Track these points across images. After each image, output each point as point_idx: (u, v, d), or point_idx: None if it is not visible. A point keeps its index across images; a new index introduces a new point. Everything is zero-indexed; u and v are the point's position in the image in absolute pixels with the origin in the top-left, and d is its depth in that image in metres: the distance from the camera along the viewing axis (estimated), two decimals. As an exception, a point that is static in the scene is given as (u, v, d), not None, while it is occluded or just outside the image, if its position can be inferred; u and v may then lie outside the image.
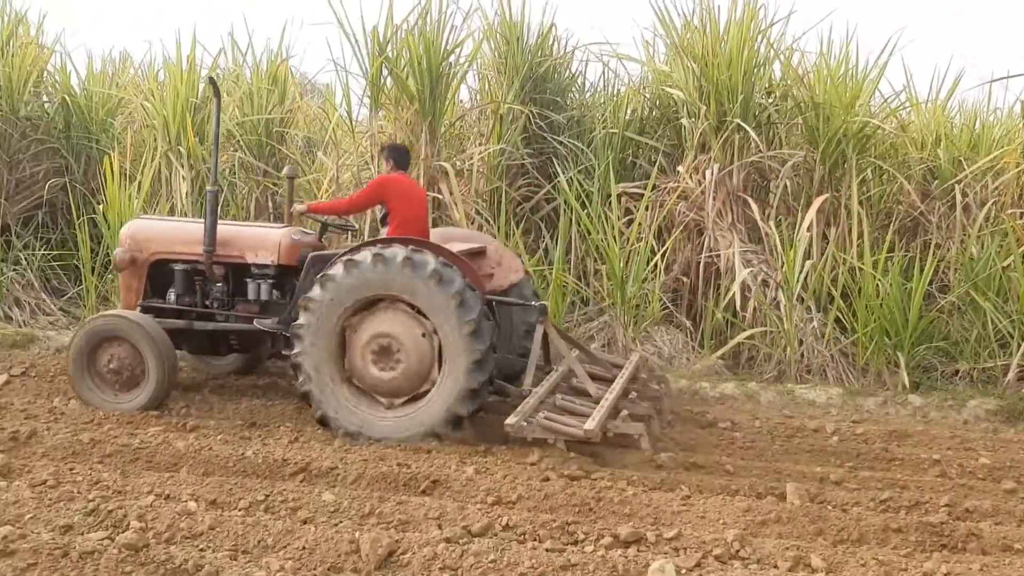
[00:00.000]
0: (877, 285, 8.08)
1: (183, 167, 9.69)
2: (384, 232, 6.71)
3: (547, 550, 4.11)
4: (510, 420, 5.64)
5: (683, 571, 4.01)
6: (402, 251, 5.96)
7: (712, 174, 8.87)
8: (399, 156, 6.91)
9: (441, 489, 5.04)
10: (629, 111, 10.01)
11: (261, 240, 6.90)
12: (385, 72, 9.45)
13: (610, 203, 8.89)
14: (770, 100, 9.62)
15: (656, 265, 8.65)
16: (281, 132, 10.46)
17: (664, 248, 8.80)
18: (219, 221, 6.91)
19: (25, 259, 9.94)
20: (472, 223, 9.10)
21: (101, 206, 9.41)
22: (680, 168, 9.20)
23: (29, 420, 6.10)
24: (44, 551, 3.87)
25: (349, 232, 7.96)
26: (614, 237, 8.54)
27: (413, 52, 9.12)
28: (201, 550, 4.09)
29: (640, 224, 8.78)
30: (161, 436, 5.73)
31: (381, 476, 5.17)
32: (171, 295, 7.02)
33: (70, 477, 4.95)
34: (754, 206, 8.84)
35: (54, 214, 10.71)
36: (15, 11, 11.02)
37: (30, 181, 10.66)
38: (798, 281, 8.15)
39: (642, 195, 9.02)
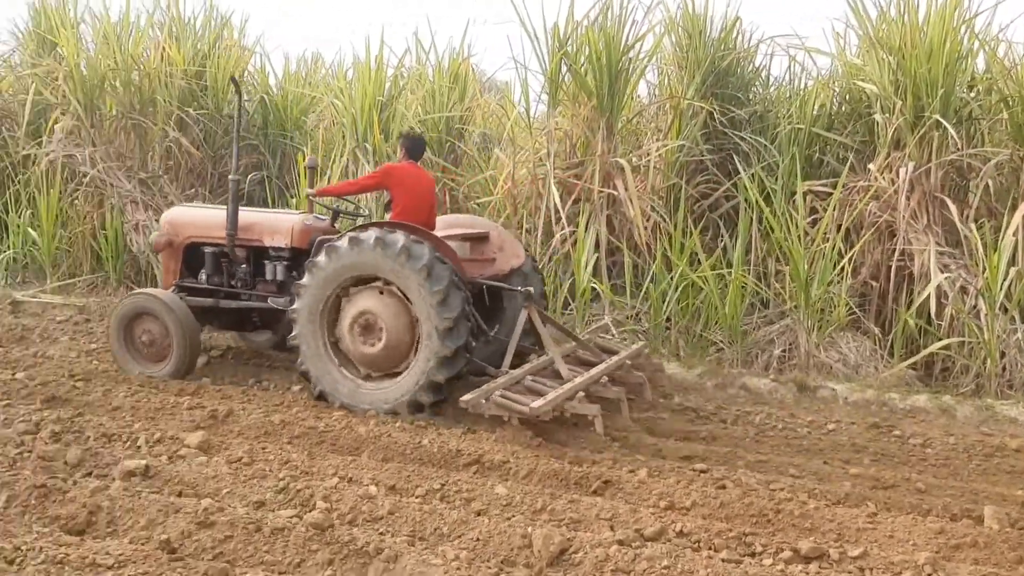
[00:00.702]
0: (1094, 295, 7.39)
1: (369, 163, 10.07)
2: (388, 217, 6.96)
3: (723, 560, 4.00)
4: (466, 397, 5.84)
5: (870, 593, 3.80)
6: (375, 233, 6.27)
7: (907, 172, 8.36)
8: (412, 146, 7.13)
9: (613, 490, 5.00)
10: (817, 106, 9.58)
11: (277, 225, 7.34)
12: (564, 68, 9.47)
13: (794, 201, 8.55)
14: (972, 94, 8.97)
15: (843, 267, 8.23)
16: (460, 129, 10.69)
17: (852, 250, 8.36)
18: (241, 208, 7.40)
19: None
20: (648, 220, 8.99)
21: (294, 200, 9.93)
22: (871, 166, 8.72)
23: (225, 400, 6.50)
24: (240, 524, 4.11)
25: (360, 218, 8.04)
26: (798, 237, 8.21)
27: (593, 48, 9.10)
28: (381, 534, 4.23)
29: (827, 224, 8.39)
30: (344, 421, 5.97)
31: (552, 473, 5.18)
32: (202, 275, 7.56)
33: (262, 456, 5.25)
34: (952, 207, 8.27)
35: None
36: (221, 16, 11.84)
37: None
38: (1001, 289, 7.55)
39: (829, 193, 8.63)
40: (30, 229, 10.86)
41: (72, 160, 10.93)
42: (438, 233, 6.87)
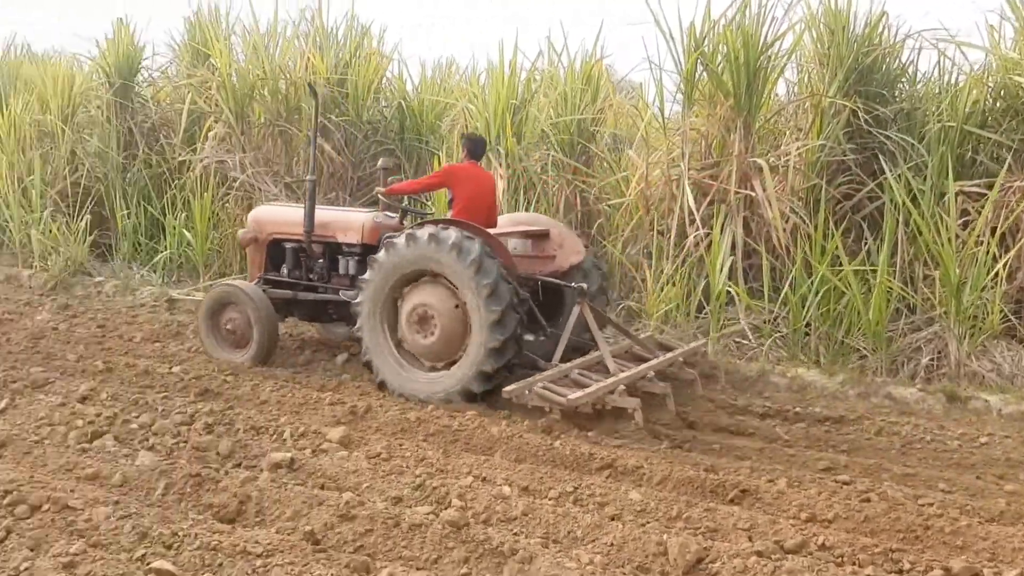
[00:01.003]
0: None
1: (501, 165, 10.17)
2: (449, 214, 7.26)
3: (868, 576, 3.84)
4: (509, 387, 6.11)
5: (1030, 619, 3.58)
6: (429, 230, 6.54)
7: (1070, 172, 7.84)
8: (473, 146, 7.49)
9: (751, 500, 4.88)
10: (969, 103, 9.06)
11: (349, 223, 7.74)
12: (700, 68, 9.31)
13: (944, 203, 8.13)
14: None
15: (997, 273, 7.78)
16: (592, 131, 10.65)
17: (1008, 254, 7.88)
18: (317, 206, 7.79)
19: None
20: (787, 222, 8.73)
21: (429, 203, 10.13)
22: (1030, 165, 8.21)
23: (364, 397, 6.70)
24: (379, 519, 4.23)
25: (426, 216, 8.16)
26: (949, 240, 7.80)
27: (730, 46, 8.91)
28: (515, 534, 4.27)
29: (981, 226, 7.94)
30: (477, 420, 6.05)
31: (687, 480, 5.10)
32: (284, 269, 8.05)
33: (399, 452, 5.38)
34: (1123, 209, 7.69)
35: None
36: (361, 25, 12.22)
37: (369, 179, 11.74)
38: None
39: (983, 195, 8.16)
40: (185, 231, 11.49)
41: (223, 165, 11.50)
42: (501, 230, 7.18)
